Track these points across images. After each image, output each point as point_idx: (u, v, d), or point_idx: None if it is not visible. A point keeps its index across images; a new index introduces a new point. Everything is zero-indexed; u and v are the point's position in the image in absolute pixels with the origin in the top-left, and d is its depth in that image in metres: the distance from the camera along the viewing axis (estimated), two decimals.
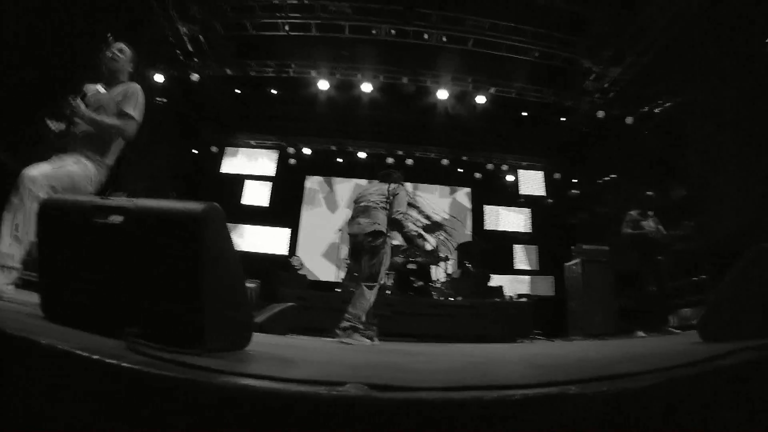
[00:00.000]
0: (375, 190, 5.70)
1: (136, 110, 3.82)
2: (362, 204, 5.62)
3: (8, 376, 1.07)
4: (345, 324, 5.09)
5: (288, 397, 0.97)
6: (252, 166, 15.94)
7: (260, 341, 2.66)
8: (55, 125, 3.62)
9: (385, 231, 5.36)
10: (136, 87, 3.90)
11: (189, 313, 1.81)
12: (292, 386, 1.04)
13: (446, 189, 15.79)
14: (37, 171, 3.22)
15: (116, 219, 1.98)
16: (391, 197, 5.53)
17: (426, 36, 11.09)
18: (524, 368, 2.20)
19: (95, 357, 1.05)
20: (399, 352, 3.96)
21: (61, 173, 3.37)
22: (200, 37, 11.59)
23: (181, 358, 1.27)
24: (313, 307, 8.44)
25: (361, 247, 5.45)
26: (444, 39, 11.11)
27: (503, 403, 1.00)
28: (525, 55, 11.31)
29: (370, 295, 5.28)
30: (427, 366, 2.42)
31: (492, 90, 12.71)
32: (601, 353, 3.12)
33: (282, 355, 2.49)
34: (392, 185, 5.67)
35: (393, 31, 11.02)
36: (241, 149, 16.08)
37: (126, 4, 3.74)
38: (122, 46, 4.01)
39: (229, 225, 9.34)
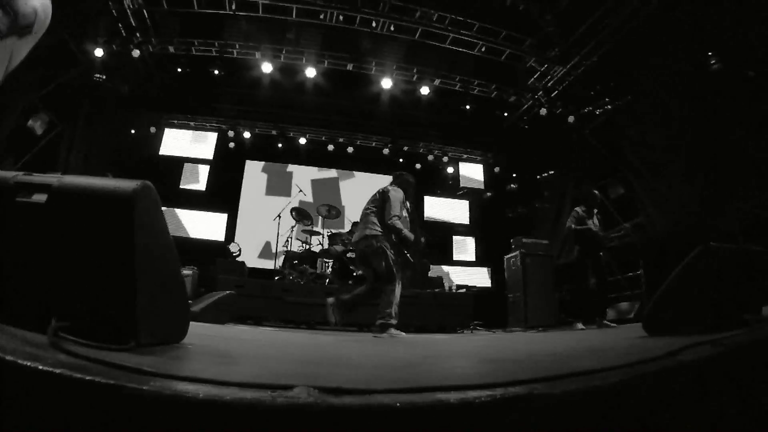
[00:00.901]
0: (376, 199, 6.14)
1: (44, 7, 3.16)
2: (361, 214, 6.15)
3: None
4: (379, 321, 5.57)
5: (228, 406, 0.86)
6: (191, 148, 15.44)
7: (198, 332, 2.53)
8: None
9: (379, 232, 5.81)
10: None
11: (120, 304, 1.64)
12: (232, 391, 0.93)
13: (386, 178, 15.74)
14: None
15: (39, 197, 1.78)
16: (382, 200, 6.01)
17: (374, 24, 11.01)
18: (478, 363, 2.16)
19: (8, 358, 0.92)
20: (343, 343, 3.90)
21: None
22: (144, 11, 11.13)
23: (110, 357, 1.14)
24: (252, 295, 8.28)
25: (364, 254, 5.93)
26: (392, 28, 11.07)
27: (470, 406, 0.93)
28: (471, 49, 11.41)
29: (395, 293, 5.69)
30: (375, 359, 2.35)
31: (436, 82, 12.77)
32: (549, 347, 3.13)
33: (221, 349, 2.35)
34: (384, 188, 6.21)
35: (341, 17, 10.87)
36: (180, 131, 15.56)
37: None
38: None
39: (167, 209, 9.15)
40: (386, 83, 12.46)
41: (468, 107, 13.89)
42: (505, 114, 14.18)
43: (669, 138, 9.14)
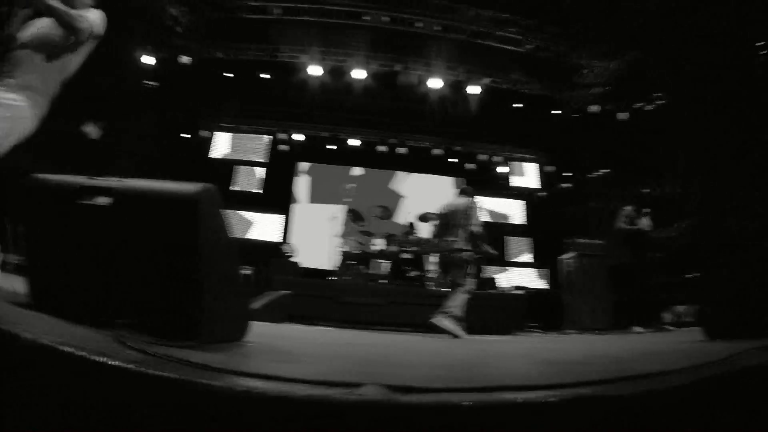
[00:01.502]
0: (453, 209, 6.49)
1: (96, 21, 3.36)
2: (445, 221, 6.50)
3: None
4: (443, 311, 5.86)
5: (299, 403, 0.84)
6: (243, 151, 15.70)
7: (257, 331, 2.54)
8: None
9: (464, 246, 6.22)
10: (98, 11, 3.45)
11: (184, 303, 1.68)
12: (302, 387, 0.91)
13: (439, 179, 15.62)
14: None
15: (103, 200, 1.82)
16: (468, 212, 6.37)
17: (420, 24, 10.94)
18: (539, 365, 2.12)
19: (80, 354, 0.92)
20: (401, 343, 3.89)
21: None
22: (191, 19, 11.39)
23: (176, 353, 1.14)
24: (306, 295, 8.33)
25: (448, 260, 6.41)
26: (438, 28, 10.97)
27: (537, 406, 0.90)
28: (518, 47, 11.24)
29: (464, 296, 6.05)
30: (436, 359, 2.33)
31: (486, 81, 12.58)
32: (608, 349, 3.05)
33: (282, 348, 2.37)
34: (468, 201, 6.51)
35: (386, 18, 10.84)
36: (231, 134, 15.82)
37: None
38: None
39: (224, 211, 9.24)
40: (435, 83, 12.35)
41: (518, 106, 13.67)
42: (556, 112, 13.86)
43: (728, 134, 8.77)
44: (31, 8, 3.17)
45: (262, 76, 13.08)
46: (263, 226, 14.90)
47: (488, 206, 15.42)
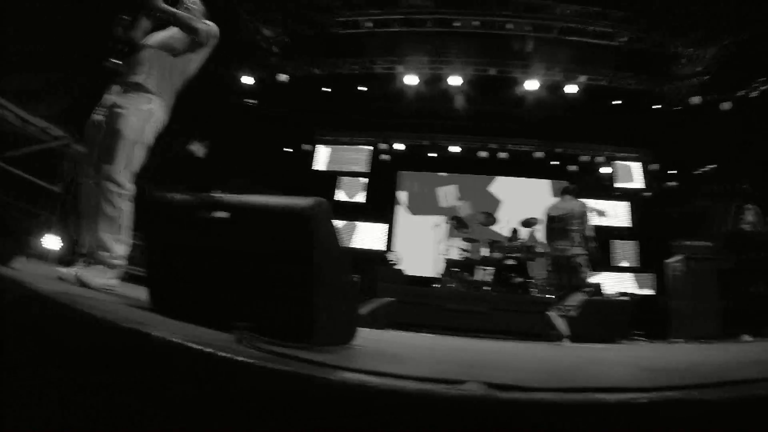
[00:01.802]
0: (566, 212, 6.51)
1: (212, 26, 3.68)
2: (560, 225, 6.52)
3: (119, 368, 1.08)
4: (561, 307, 6.10)
5: (407, 395, 0.91)
6: (345, 162, 16.12)
7: (363, 336, 2.64)
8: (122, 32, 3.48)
9: (582, 250, 6.32)
10: (210, 22, 3.74)
11: (298, 308, 1.82)
12: (412, 384, 0.99)
13: (541, 183, 15.31)
14: (110, 167, 3.13)
15: (222, 214, 2.01)
16: (582, 215, 6.47)
17: (510, 25, 10.79)
18: (635, 371, 2.09)
19: (208, 350, 1.04)
20: (504, 348, 3.89)
21: (123, 146, 3.19)
22: (285, 38, 11.88)
23: (292, 352, 1.25)
24: (411, 302, 8.44)
25: (564, 263, 6.40)
26: (529, 28, 10.80)
27: (625, 407, 0.92)
28: (612, 41, 10.81)
29: (583, 297, 6.21)
30: (536, 363, 2.34)
31: (582, 78, 12.21)
32: (710, 358, 2.92)
33: (390, 351, 2.46)
34: (581, 203, 6.60)
35: (476, 22, 10.80)
36: (333, 146, 16.30)
37: (211, 11, 3.91)
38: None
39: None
40: (532, 84, 12.16)
41: (617, 102, 13.11)
42: (656, 106, 13.11)
43: None
44: (153, 15, 3.52)
45: (359, 88, 13.38)
46: (367, 235, 15.22)
47: (593, 208, 14.93)
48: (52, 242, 6.92)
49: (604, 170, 15.13)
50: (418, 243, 14.17)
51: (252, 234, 2.01)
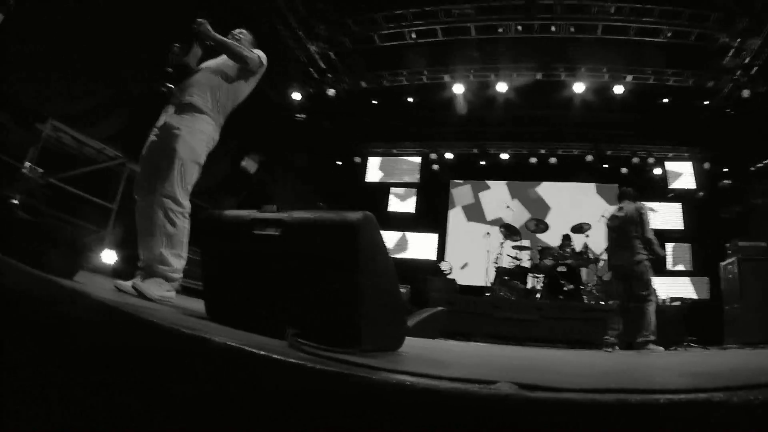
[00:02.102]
0: (624, 219, 6.45)
1: (261, 55, 3.93)
2: (619, 235, 6.50)
3: (181, 371, 1.19)
4: (641, 339, 5.89)
5: (442, 394, 0.99)
6: (396, 173, 16.30)
7: (411, 344, 2.73)
8: (175, 55, 3.75)
9: (645, 257, 6.25)
10: (258, 50, 3.99)
11: (346, 315, 1.95)
12: (446, 383, 1.07)
13: (592, 187, 15.06)
14: (168, 186, 3.36)
15: (274, 230, 2.15)
16: (641, 219, 6.36)
17: (553, 28, 10.71)
18: (672, 375, 2.11)
19: (262, 353, 1.14)
20: (550, 356, 3.90)
21: (179, 165, 3.41)
22: (330, 53, 12.13)
23: (340, 356, 1.34)
24: (462, 311, 8.47)
25: (627, 276, 6.35)
26: (572, 29, 10.65)
27: (647, 407, 0.97)
28: (656, 37, 10.50)
29: (653, 309, 6.09)
30: (574, 369, 2.38)
31: (628, 78, 11.89)
32: (759, 362, 2.87)
33: (434, 357, 2.54)
34: (637, 206, 6.48)
35: (519, 27, 10.77)
36: (383, 158, 16.51)
37: (253, 30, 4.09)
38: (242, 29, 4.13)
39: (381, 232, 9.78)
40: (578, 87, 11.98)
41: (665, 100, 12.71)
42: (706, 102, 12.62)
43: None
44: (205, 43, 3.75)
45: (407, 99, 13.50)
46: (419, 245, 15.30)
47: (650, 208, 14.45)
48: (108, 257, 7.26)
49: (656, 171, 14.68)
50: (469, 252, 14.15)
51: (303, 247, 2.15)
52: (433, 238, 15.36)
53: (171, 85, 3.70)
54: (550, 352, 5.19)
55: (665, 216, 14.39)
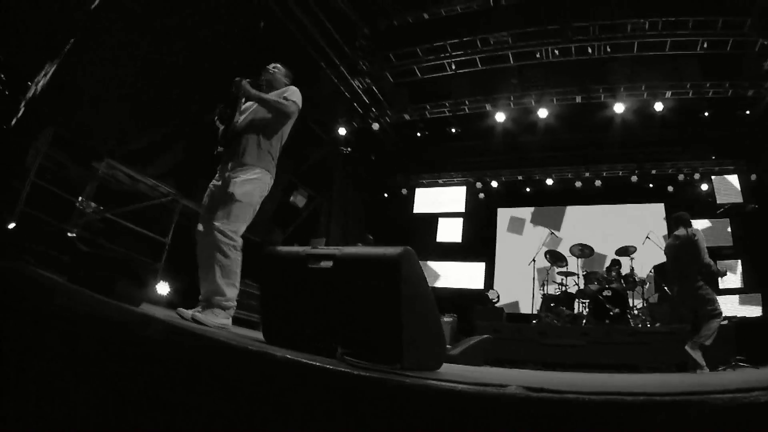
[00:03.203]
0: (681, 245, 6.57)
1: (296, 99, 4.21)
2: (676, 266, 6.67)
3: (249, 380, 1.44)
4: (692, 342, 6.12)
5: (461, 393, 1.23)
6: (443, 203, 16.43)
7: (453, 371, 2.92)
8: (221, 116, 4.20)
9: (702, 282, 6.34)
10: (293, 87, 4.33)
11: (389, 337, 2.23)
12: (464, 386, 1.28)
13: (638, 207, 14.84)
14: (223, 223, 3.74)
15: (326, 264, 2.50)
16: (696, 244, 6.41)
17: (589, 50, 10.76)
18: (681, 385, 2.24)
19: (316, 363, 1.38)
20: (586, 377, 3.98)
21: (235, 206, 3.80)
22: (374, 88, 12.55)
23: (381, 369, 1.58)
24: (508, 338, 8.53)
25: (692, 301, 6.44)
26: (608, 49, 10.69)
27: (644, 406, 1.14)
28: (692, 49, 10.37)
29: (718, 322, 6.25)
30: (596, 384, 2.54)
31: (668, 94, 11.77)
32: None
33: (467, 375, 2.75)
34: (690, 232, 6.57)
35: (556, 51, 10.89)
36: (430, 189, 16.73)
37: (296, 69, 4.40)
38: (277, 64, 4.51)
39: (426, 263, 10.01)
40: (618, 108, 11.93)
41: (706, 114, 12.50)
42: (747, 111, 12.33)
43: None
44: (247, 99, 4.17)
45: (451, 130, 13.74)
46: (467, 274, 15.38)
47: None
48: (162, 288, 7.68)
49: (703, 187, 14.25)
50: (516, 279, 14.11)
51: (351, 278, 2.46)
52: (480, 266, 15.42)
53: (221, 148, 4.16)
54: (589, 375, 5.22)
55: (715, 232, 13.97)
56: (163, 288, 7.77)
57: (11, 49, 6.46)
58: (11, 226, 6.25)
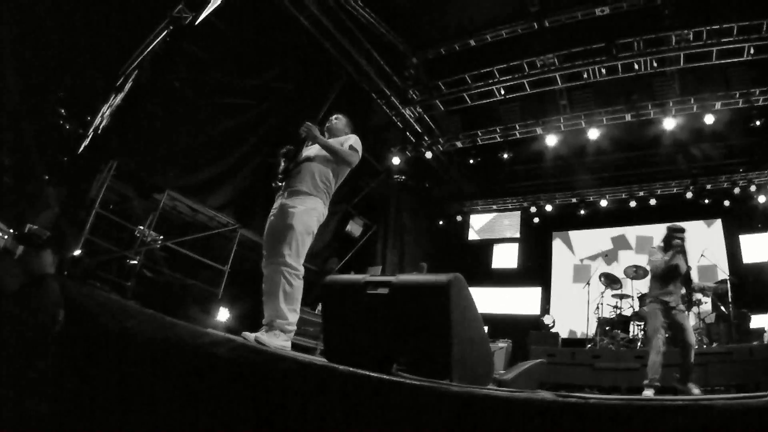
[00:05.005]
0: (665, 263, 6.54)
1: (358, 147, 4.57)
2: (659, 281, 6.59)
3: (313, 393, 1.63)
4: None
5: (498, 398, 1.41)
6: (497, 229, 16.47)
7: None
8: (283, 160, 4.50)
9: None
10: (354, 136, 4.68)
11: (440, 356, 2.45)
12: (500, 392, 1.45)
13: (692, 224, 14.25)
14: (286, 253, 4.01)
15: (383, 290, 2.78)
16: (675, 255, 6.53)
17: (636, 66, 10.60)
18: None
19: (374, 375, 1.58)
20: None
21: (295, 237, 4.07)
22: (425, 116, 12.84)
23: (431, 381, 1.75)
24: (563, 362, 8.50)
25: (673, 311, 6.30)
26: (654, 64, 10.54)
27: (655, 410, 1.27)
28: (740, 56, 10.03)
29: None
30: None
31: (717, 105, 11.33)
32: None
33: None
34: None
35: (603, 70, 10.80)
36: (484, 215, 16.80)
37: (347, 102, 4.66)
38: (339, 114, 4.90)
39: (481, 289, 10.12)
40: (668, 123, 11.60)
41: (758, 123, 11.85)
42: None
43: None
44: (313, 143, 4.49)
45: (504, 155, 13.78)
46: (523, 300, 15.32)
47: (754, 245, 13.40)
48: (222, 314, 8.00)
49: (760, 200, 13.40)
50: (572, 304, 13.93)
51: (405, 302, 2.71)
52: (536, 291, 15.34)
53: (281, 183, 4.45)
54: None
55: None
56: (223, 314, 8.09)
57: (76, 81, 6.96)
58: (77, 253, 6.66)
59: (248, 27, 9.06)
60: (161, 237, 8.22)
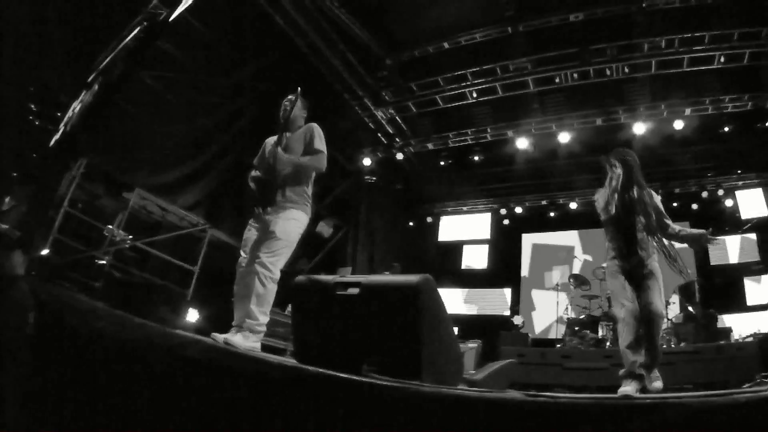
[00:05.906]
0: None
1: (321, 144, 4.56)
2: None
3: (283, 394, 1.65)
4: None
5: (468, 398, 1.44)
6: (468, 230, 16.48)
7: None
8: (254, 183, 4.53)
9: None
10: (313, 125, 4.66)
11: (410, 357, 2.47)
12: (471, 392, 1.48)
13: None
14: (265, 258, 4.04)
15: (353, 291, 2.78)
16: None
17: (608, 72, 10.77)
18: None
19: (343, 376, 1.59)
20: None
21: (275, 243, 4.13)
22: (397, 118, 12.86)
23: (401, 382, 1.77)
24: (532, 363, 8.59)
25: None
26: (626, 70, 10.70)
27: (620, 408, 1.32)
28: (710, 64, 10.28)
29: None
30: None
31: (687, 111, 11.62)
32: None
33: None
34: None
35: (575, 75, 10.92)
36: (454, 217, 16.82)
37: (319, 102, 4.66)
38: (290, 96, 4.78)
39: (450, 290, 10.16)
40: (639, 128, 11.78)
41: (726, 129, 12.32)
42: None
43: None
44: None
45: (475, 158, 13.87)
46: (492, 301, 15.38)
47: (723, 248, 13.69)
48: (191, 315, 7.91)
49: (727, 203, 13.93)
50: (541, 304, 14.13)
51: (375, 303, 2.71)
52: (506, 292, 15.44)
53: (260, 210, 4.40)
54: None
55: (743, 248, 13.74)
56: (192, 315, 8.00)
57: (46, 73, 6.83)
58: (45, 252, 6.53)
59: (222, 25, 8.99)
60: (130, 237, 8.09)
